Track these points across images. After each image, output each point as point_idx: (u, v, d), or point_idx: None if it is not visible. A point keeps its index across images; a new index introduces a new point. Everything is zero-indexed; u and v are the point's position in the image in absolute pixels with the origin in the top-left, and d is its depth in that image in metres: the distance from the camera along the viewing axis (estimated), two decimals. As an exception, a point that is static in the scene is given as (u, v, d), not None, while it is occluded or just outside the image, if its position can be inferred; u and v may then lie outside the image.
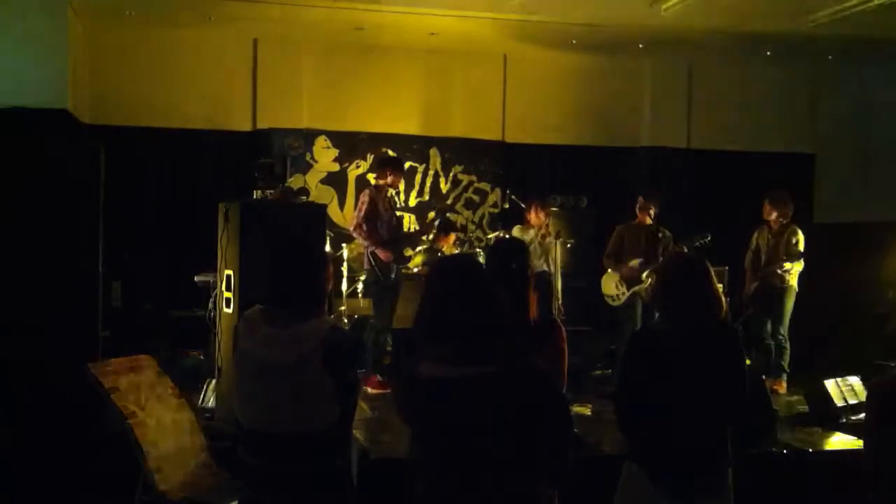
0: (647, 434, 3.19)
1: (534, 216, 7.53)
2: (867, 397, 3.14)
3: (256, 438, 3.17)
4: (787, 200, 7.47)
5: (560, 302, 7.30)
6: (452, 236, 8.75)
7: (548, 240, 7.44)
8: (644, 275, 7.17)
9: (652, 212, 7.32)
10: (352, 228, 7.20)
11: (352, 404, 3.21)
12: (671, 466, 3.16)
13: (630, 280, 7.22)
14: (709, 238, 7.13)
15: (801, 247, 7.32)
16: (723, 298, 3.30)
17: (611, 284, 7.36)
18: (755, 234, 7.65)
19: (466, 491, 2.24)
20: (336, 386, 3.08)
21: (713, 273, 3.31)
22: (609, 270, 7.41)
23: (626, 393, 3.28)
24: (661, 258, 7.18)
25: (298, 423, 3.09)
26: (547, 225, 7.50)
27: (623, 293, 7.26)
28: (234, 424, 3.35)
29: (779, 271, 7.31)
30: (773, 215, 7.43)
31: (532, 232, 7.45)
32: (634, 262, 7.24)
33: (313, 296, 3.18)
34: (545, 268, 7.34)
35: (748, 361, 3.43)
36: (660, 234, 7.28)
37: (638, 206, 7.37)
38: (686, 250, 7.10)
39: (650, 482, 3.15)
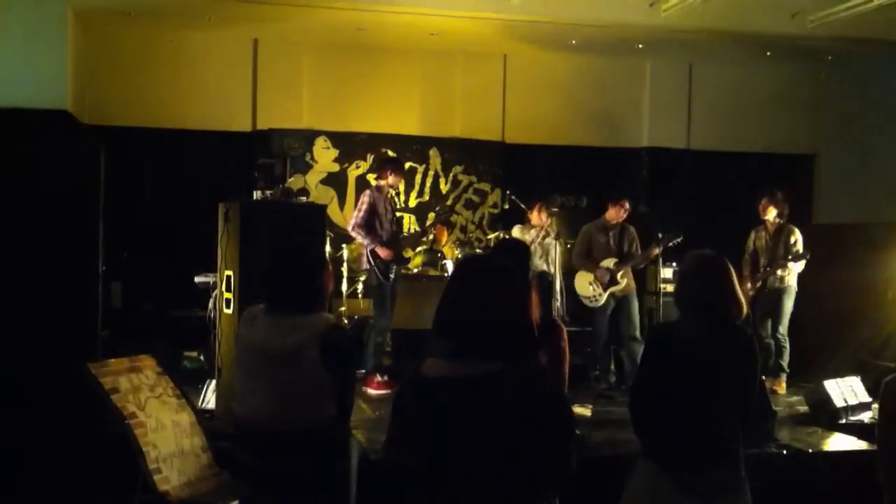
0: (666, 431, 3.19)
1: (536, 216, 7.51)
2: (881, 396, 3.13)
3: (255, 437, 3.19)
4: (784, 198, 7.49)
5: (560, 302, 7.30)
6: (445, 230, 8.82)
7: (547, 240, 7.44)
8: (619, 275, 7.21)
9: (627, 213, 7.38)
10: (350, 228, 7.20)
11: (349, 402, 3.24)
12: (692, 464, 3.16)
13: (605, 281, 7.25)
14: (681, 238, 7.15)
15: (801, 246, 7.34)
16: (743, 300, 3.30)
17: (585, 284, 7.39)
18: (751, 236, 7.65)
19: (465, 494, 2.24)
20: (334, 384, 3.10)
21: (734, 274, 3.31)
22: (581, 270, 7.42)
23: (646, 390, 3.27)
24: (632, 256, 7.26)
25: (296, 418, 3.12)
26: (548, 225, 7.50)
27: (600, 294, 7.28)
28: (233, 422, 3.37)
29: (779, 272, 7.31)
30: (773, 214, 7.43)
31: (533, 232, 7.44)
32: (608, 263, 7.27)
33: (312, 295, 3.20)
34: (545, 268, 7.34)
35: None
36: (626, 232, 7.38)
37: (618, 205, 7.39)
38: (659, 250, 7.16)
39: (670, 480, 3.14)
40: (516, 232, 7.57)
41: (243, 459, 3.28)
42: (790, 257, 7.25)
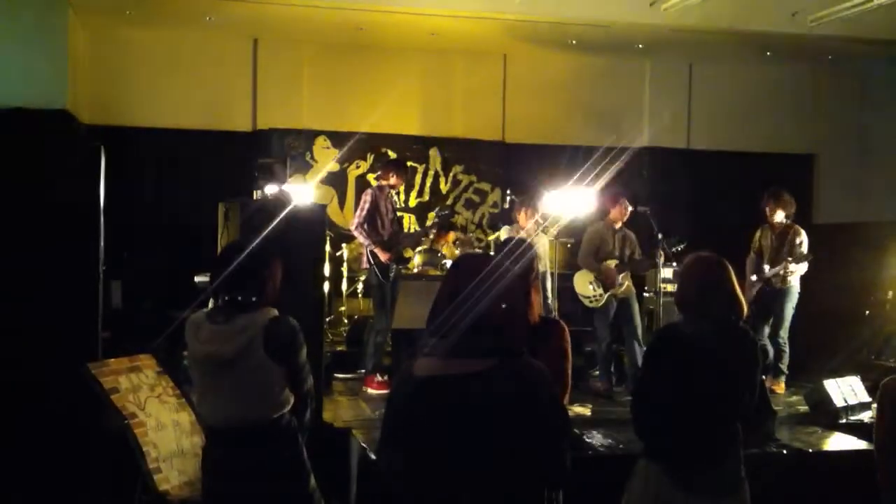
0: (667, 432, 3.19)
1: (523, 218, 7.47)
2: (879, 397, 3.13)
3: (216, 432, 3.29)
4: (791, 199, 7.44)
5: (550, 300, 7.28)
6: (452, 235, 8.75)
7: (537, 238, 7.39)
8: (621, 277, 7.19)
9: (628, 214, 7.35)
10: (353, 228, 7.20)
11: (305, 390, 3.32)
12: (692, 464, 3.16)
13: (606, 281, 7.22)
14: (684, 244, 7.11)
15: (805, 248, 7.29)
16: (743, 300, 3.31)
17: (585, 284, 7.34)
18: (757, 235, 7.58)
19: (460, 493, 2.23)
20: (285, 373, 3.25)
21: (734, 275, 3.32)
22: (584, 269, 7.38)
23: (648, 391, 3.28)
24: (635, 262, 7.25)
25: (255, 413, 3.24)
26: (543, 223, 7.45)
27: (601, 294, 7.24)
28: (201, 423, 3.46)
29: (781, 272, 7.28)
30: (780, 216, 7.37)
31: (522, 234, 7.37)
32: (611, 263, 7.25)
33: (252, 291, 3.27)
34: (540, 268, 7.29)
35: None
36: (628, 237, 7.38)
37: (620, 206, 7.36)
38: (661, 258, 7.12)
39: (670, 480, 3.14)
40: (504, 233, 7.54)
41: (206, 453, 3.39)
42: (790, 259, 7.22)
